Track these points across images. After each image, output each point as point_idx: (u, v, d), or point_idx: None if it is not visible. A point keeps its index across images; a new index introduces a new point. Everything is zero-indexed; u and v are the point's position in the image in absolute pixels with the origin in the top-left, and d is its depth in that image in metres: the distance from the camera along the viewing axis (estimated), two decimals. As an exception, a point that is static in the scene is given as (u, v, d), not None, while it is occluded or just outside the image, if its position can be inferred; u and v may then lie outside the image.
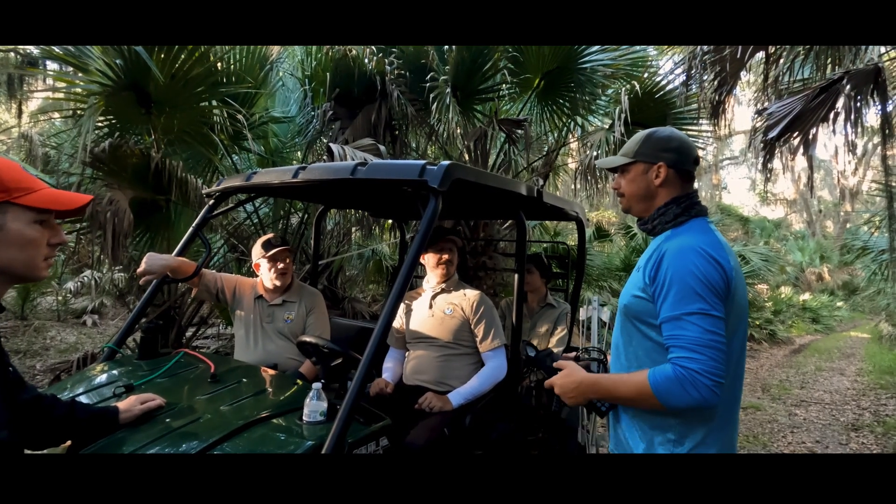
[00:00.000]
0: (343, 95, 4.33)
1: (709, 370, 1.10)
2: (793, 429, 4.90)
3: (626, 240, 9.42)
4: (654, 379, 1.14)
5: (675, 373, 1.12)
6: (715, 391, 1.10)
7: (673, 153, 1.29)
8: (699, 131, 4.74)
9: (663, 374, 1.14)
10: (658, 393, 1.13)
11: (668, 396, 1.12)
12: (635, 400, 1.20)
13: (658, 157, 1.29)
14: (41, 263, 0.89)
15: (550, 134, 5.22)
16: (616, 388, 1.23)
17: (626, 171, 1.34)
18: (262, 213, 4.69)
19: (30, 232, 0.86)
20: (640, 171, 1.31)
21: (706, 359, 1.10)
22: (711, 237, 1.23)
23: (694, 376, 1.10)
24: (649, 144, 1.30)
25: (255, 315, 2.36)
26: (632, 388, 1.18)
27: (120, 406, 1.32)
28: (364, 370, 1.32)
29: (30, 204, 0.86)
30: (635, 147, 1.32)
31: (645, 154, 1.30)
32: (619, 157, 1.36)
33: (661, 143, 1.30)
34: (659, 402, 1.14)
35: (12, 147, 9.63)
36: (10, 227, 0.84)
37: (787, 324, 12.44)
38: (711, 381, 1.10)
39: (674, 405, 1.13)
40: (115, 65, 3.06)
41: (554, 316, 2.87)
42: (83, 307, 7.75)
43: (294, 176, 1.82)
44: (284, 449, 1.25)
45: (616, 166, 1.36)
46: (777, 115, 3.41)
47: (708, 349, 1.11)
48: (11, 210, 0.84)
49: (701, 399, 1.10)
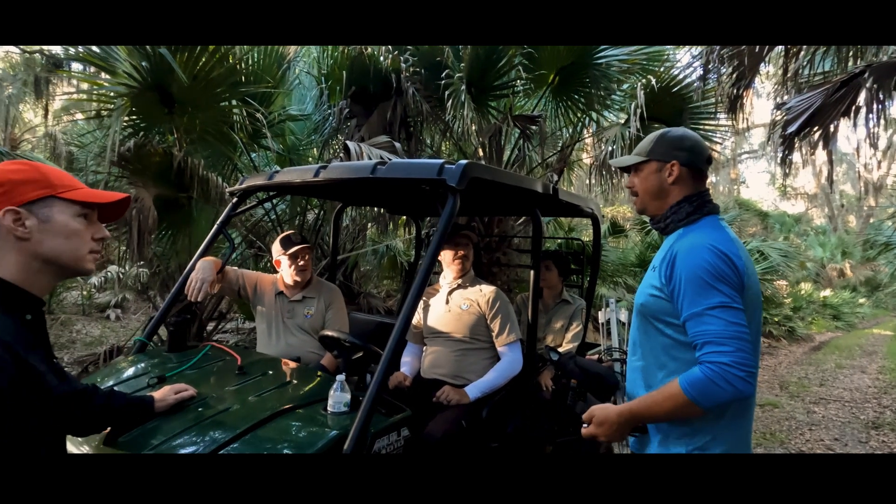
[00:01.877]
0: (359, 93, 4.38)
1: (738, 361, 1.09)
2: (811, 426, 4.85)
3: (641, 235, 9.35)
4: (686, 385, 1.13)
5: (704, 373, 1.11)
6: (748, 381, 1.10)
7: (686, 152, 1.31)
8: (716, 126, 4.69)
9: (693, 378, 1.13)
10: (694, 398, 1.11)
11: (704, 398, 1.11)
12: (675, 412, 1.17)
13: (671, 155, 1.31)
14: (87, 255, 0.94)
15: (565, 129, 5.21)
16: (651, 409, 1.21)
17: (640, 170, 1.36)
18: (279, 210, 4.78)
19: (74, 224, 0.92)
20: (653, 170, 1.34)
21: (734, 350, 1.10)
22: (723, 234, 1.25)
23: (724, 370, 1.09)
24: (663, 143, 1.33)
25: (276, 310, 2.43)
26: (669, 403, 1.16)
27: (155, 396, 1.39)
28: (386, 363, 1.36)
29: (74, 198, 0.92)
30: (648, 146, 1.35)
31: (658, 153, 1.32)
32: (632, 156, 1.38)
33: (675, 142, 1.32)
34: (698, 407, 1.12)
35: (37, 146, 9.91)
36: (56, 218, 0.90)
37: (807, 320, 12.23)
38: (743, 372, 1.09)
39: (713, 405, 1.12)
40: (140, 66, 3.15)
41: (569, 312, 2.89)
42: (107, 302, 7.96)
43: (315, 175, 1.87)
44: (311, 438, 1.31)
45: (629, 165, 1.38)
46: (797, 109, 3.37)
47: (734, 340, 1.11)
48: (57, 204, 0.90)
49: (736, 391, 1.09)
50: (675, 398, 1.14)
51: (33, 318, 0.91)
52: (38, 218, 0.88)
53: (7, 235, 0.86)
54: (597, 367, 1.62)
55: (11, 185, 0.87)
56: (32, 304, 0.90)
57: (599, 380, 1.58)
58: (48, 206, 0.89)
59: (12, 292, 0.87)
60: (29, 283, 0.89)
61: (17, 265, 0.87)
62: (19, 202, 0.87)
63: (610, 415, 1.25)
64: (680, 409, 1.15)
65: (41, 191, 0.89)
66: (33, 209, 0.88)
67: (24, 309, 0.89)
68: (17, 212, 0.86)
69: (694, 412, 1.15)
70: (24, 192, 0.87)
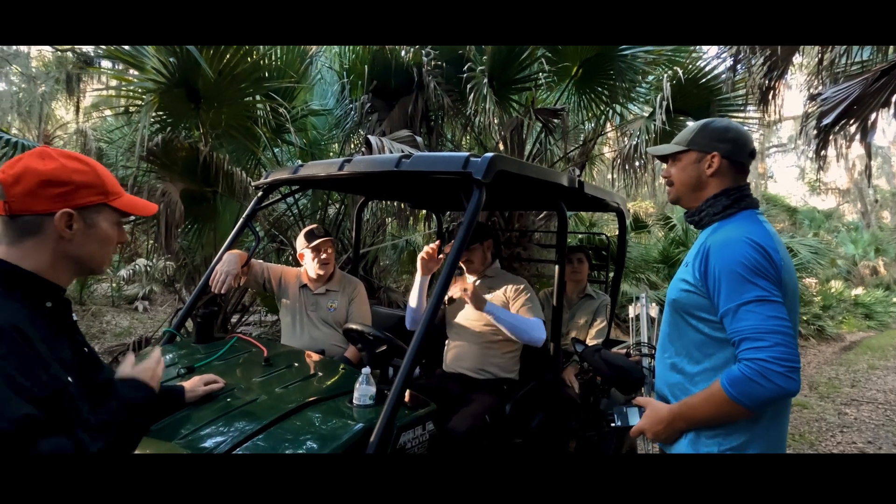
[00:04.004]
0: (380, 87, 4.38)
1: (777, 356, 1.04)
2: (842, 428, 4.70)
3: (664, 231, 9.17)
4: (727, 385, 1.09)
5: (743, 371, 1.07)
6: (791, 377, 1.04)
7: (729, 143, 1.26)
8: (745, 118, 4.55)
9: (732, 376, 1.09)
10: (736, 398, 1.08)
11: (746, 398, 1.07)
12: (720, 415, 1.14)
13: (713, 146, 1.27)
14: (108, 260, 0.96)
15: (588, 123, 5.12)
16: (695, 412, 1.17)
17: (678, 160, 1.32)
18: (301, 205, 4.82)
19: (111, 231, 0.94)
20: (692, 160, 1.29)
21: (771, 345, 1.05)
22: (759, 227, 1.20)
23: (763, 367, 1.05)
24: (705, 134, 1.28)
25: (299, 303, 2.45)
26: (712, 405, 1.13)
27: (186, 386, 1.41)
28: (411, 358, 1.36)
29: (119, 207, 0.93)
30: (689, 136, 1.30)
31: (699, 143, 1.28)
32: (671, 144, 1.34)
33: (718, 133, 1.27)
34: (743, 407, 1.08)
35: (68, 142, 10.21)
36: (100, 225, 0.91)
37: (837, 319, 11.84)
38: (783, 368, 1.04)
39: (757, 404, 1.08)
40: (168, 62, 3.20)
41: (593, 307, 2.85)
42: (135, 293, 8.18)
43: (340, 168, 1.87)
44: (337, 430, 1.31)
45: (667, 154, 1.34)
46: (833, 100, 3.24)
47: (773, 335, 1.06)
48: (105, 211, 0.92)
49: (778, 389, 1.04)
50: (718, 399, 1.10)
51: (53, 305, 0.91)
52: (86, 222, 0.89)
53: (51, 234, 0.87)
54: (622, 361, 1.58)
55: (74, 187, 0.87)
56: (52, 291, 0.91)
57: (624, 374, 1.54)
58: (98, 213, 0.91)
59: (33, 281, 0.88)
60: (50, 277, 0.90)
61: (48, 262, 0.88)
62: (77, 205, 0.87)
63: (662, 414, 1.21)
64: (725, 410, 1.11)
65: (97, 197, 0.90)
66: (84, 213, 0.89)
67: (43, 296, 0.90)
68: (71, 215, 0.87)
69: (739, 413, 1.10)
70: (83, 195, 0.88)
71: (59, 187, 0.86)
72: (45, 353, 0.83)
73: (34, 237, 0.86)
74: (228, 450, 1.22)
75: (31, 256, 0.87)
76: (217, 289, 2.06)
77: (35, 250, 0.87)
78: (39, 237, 0.87)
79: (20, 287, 0.86)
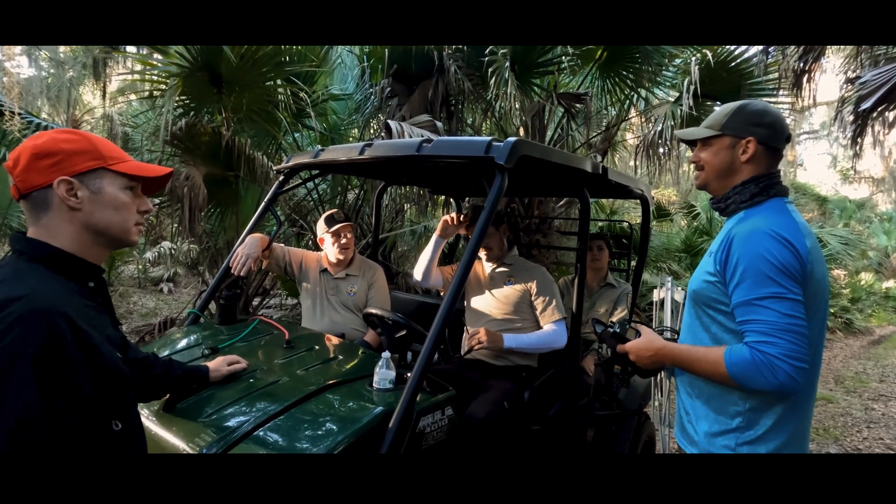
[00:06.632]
0: (400, 72, 4.34)
1: (788, 354, 1.05)
2: (869, 424, 4.58)
3: (687, 220, 8.98)
4: (731, 360, 1.11)
5: (753, 356, 1.07)
6: (795, 377, 1.05)
7: (765, 128, 1.21)
8: (777, 103, 4.38)
9: (740, 356, 1.10)
10: (734, 375, 1.10)
11: (744, 380, 1.09)
12: (710, 377, 1.18)
13: (749, 131, 1.21)
14: (133, 228, 0.96)
15: (611, 108, 5.00)
16: (691, 364, 1.21)
17: (710, 144, 1.27)
18: (321, 190, 4.85)
19: (123, 196, 0.93)
20: (725, 145, 1.24)
21: (785, 342, 1.05)
22: (786, 218, 1.16)
23: (772, 361, 1.05)
24: (740, 118, 1.23)
25: (320, 287, 2.47)
26: (707, 367, 1.16)
27: (210, 366, 1.44)
28: (432, 343, 1.36)
29: (122, 170, 0.93)
30: (723, 119, 1.25)
31: (734, 127, 1.23)
32: (702, 128, 1.29)
33: (754, 117, 1.22)
34: (733, 383, 1.11)
35: (95, 126, 10.43)
36: (106, 190, 0.91)
37: (867, 312, 11.49)
38: (791, 367, 1.04)
39: (749, 389, 1.10)
40: (191, 46, 3.22)
41: (614, 296, 2.81)
42: (160, 275, 8.38)
43: (360, 153, 1.86)
44: (358, 413, 1.32)
45: (697, 138, 1.30)
46: (872, 83, 3.10)
47: (786, 333, 1.06)
48: (107, 175, 0.92)
49: (779, 385, 1.05)
50: (716, 366, 1.14)
51: (96, 285, 0.93)
52: (90, 189, 0.89)
53: (60, 206, 0.88)
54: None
55: (65, 155, 0.88)
56: (93, 271, 0.93)
57: None
58: (99, 178, 0.91)
59: (72, 262, 0.89)
60: (84, 254, 0.91)
61: (72, 235, 0.89)
62: (72, 172, 0.88)
63: (655, 344, 1.27)
64: (716, 377, 1.16)
65: (92, 162, 0.90)
66: (84, 180, 0.89)
67: (86, 277, 0.91)
68: (70, 182, 0.87)
69: (727, 384, 1.15)
70: (76, 162, 0.88)
71: (51, 158, 0.87)
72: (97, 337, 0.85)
73: (47, 212, 0.88)
74: (251, 429, 1.25)
75: (54, 233, 0.88)
76: (237, 270, 2.08)
77: (54, 226, 0.88)
78: (53, 212, 0.88)
79: (64, 271, 0.88)
